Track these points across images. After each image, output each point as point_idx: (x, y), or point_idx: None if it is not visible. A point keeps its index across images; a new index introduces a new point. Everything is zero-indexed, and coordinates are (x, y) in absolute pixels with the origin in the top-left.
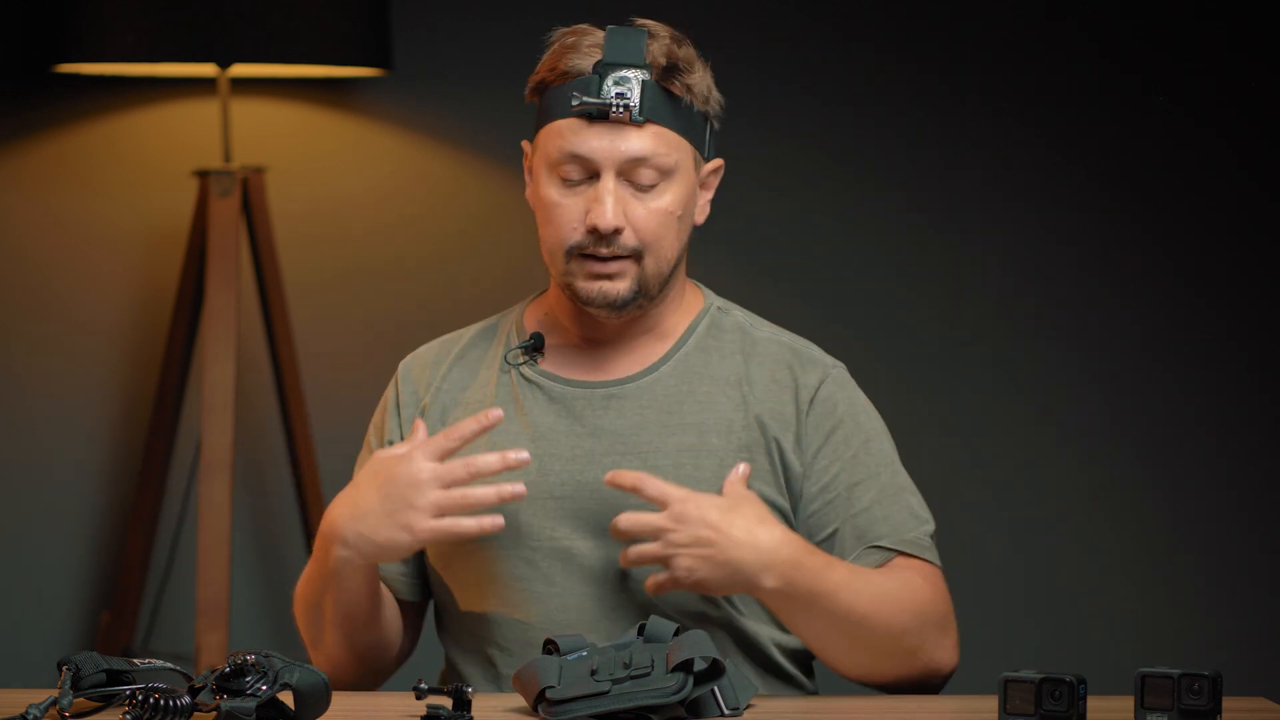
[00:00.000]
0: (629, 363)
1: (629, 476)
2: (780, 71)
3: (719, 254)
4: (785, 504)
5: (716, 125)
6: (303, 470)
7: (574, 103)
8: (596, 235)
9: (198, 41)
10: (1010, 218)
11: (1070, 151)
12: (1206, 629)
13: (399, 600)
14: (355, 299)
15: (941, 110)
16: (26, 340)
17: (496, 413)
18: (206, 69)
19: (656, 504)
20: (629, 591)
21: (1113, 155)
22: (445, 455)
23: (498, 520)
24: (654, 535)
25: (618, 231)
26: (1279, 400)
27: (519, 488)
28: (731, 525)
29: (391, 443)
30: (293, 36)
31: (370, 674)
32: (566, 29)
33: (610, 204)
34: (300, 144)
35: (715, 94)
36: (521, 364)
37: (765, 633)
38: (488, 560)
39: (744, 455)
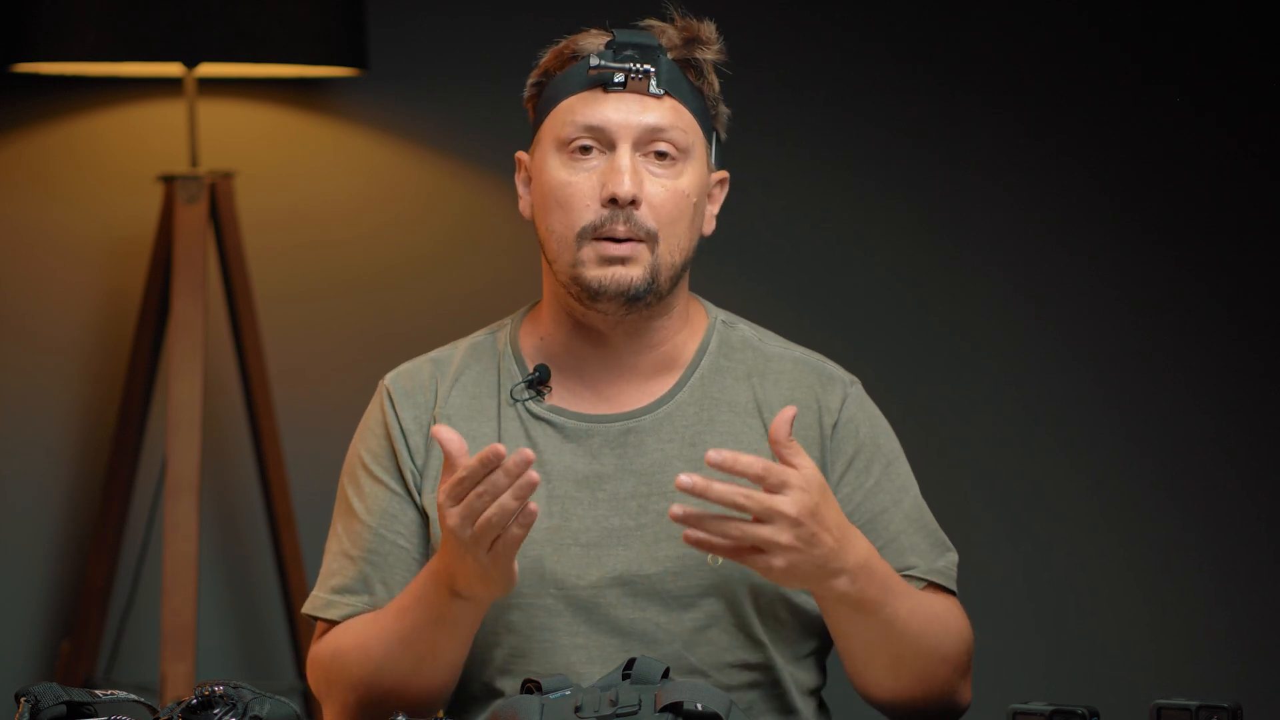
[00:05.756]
0: (640, 391)
1: (728, 455)
2: (775, 76)
3: (714, 263)
4: None
5: (723, 135)
6: (273, 491)
7: (592, 64)
8: (613, 209)
9: (163, 40)
10: (1017, 224)
11: (1086, 161)
12: (1226, 657)
13: None
14: (329, 311)
15: (942, 116)
16: None
17: (527, 453)
18: (172, 68)
19: (755, 480)
20: (659, 645)
21: (1130, 165)
22: (464, 496)
23: (532, 509)
24: (766, 516)
25: (635, 204)
26: None
27: (533, 476)
28: (828, 519)
29: (418, 471)
30: (263, 34)
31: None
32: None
33: (628, 173)
34: (271, 148)
35: (723, 106)
36: (527, 399)
37: (789, 675)
38: (506, 608)
39: None
